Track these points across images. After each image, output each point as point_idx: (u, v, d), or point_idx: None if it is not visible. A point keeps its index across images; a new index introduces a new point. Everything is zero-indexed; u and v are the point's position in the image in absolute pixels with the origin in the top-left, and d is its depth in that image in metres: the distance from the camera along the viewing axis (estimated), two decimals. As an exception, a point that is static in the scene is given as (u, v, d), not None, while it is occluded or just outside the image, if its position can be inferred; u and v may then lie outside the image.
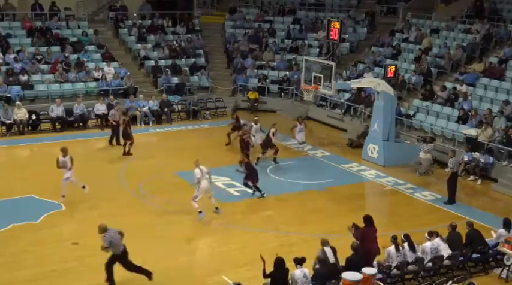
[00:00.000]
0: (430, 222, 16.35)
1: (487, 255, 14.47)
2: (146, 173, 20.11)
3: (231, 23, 34.76)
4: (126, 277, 13.21)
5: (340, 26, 21.30)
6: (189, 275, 13.77)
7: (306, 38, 33.11)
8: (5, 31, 29.48)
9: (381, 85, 22.24)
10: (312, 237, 13.86)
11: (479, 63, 26.56)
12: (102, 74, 28.15)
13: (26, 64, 27.65)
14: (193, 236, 15.87)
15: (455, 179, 18.71)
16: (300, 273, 12.04)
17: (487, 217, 17.44)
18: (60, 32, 30.75)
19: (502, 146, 21.04)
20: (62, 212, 17.04)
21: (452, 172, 18.54)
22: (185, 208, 17.11)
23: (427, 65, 27.54)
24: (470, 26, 29.76)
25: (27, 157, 22.92)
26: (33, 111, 25.26)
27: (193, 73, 30.44)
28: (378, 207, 19.39)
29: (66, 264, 13.99)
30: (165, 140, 24.89)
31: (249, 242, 15.55)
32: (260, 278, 12.06)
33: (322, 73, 21.23)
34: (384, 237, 13.89)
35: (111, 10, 33.61)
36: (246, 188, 18.56)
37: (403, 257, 13.40)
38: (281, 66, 31.22)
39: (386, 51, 30.44)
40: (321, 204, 18.27)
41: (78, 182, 17.60)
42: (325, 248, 12.72)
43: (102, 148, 23.22)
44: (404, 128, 24.55)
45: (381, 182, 20.56)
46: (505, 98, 23.56)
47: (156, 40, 32.07)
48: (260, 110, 29.53)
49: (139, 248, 14.96)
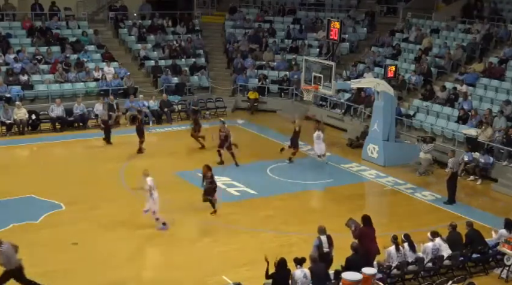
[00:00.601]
0: (430, 222, 16.36)
1: (487, 255, 14.47)
2: (146, 173, 20.09)
3: (231, 23, 34.76)
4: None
5: (340, 26, 21.30)
6: (189, 275, 13.77)
7: (306, 38, 33.11)
8: (5, 31, 29.48)
9: (381, 85, 22.24)
10: (312, 237, 13.82)
11: (479, 63, 26.56)
12: (102, 74, 28.15)
13: (26, 64, 27.66)
14: (193, 236, 15.86)
15: (455, 179, 18.72)
16: (300, 273, 12.04)
17: (487, 217, 17.45)
18: (60, 32, 30.75)
19: (502, 146, 21.04)
20: (62, 212, 17.03)
21: (452, 172, 18.54)
22: (185, 208, 17.12)
23: (427, 65, 27.54)
24: (470, 26, 29.77)
25: (27, 157, 22.92)
26: (33, 111, 25.26)
27: (193, 73, 30.44)
28: (378, 207, 19.39)
29: (66, 264, 13.99)
30: (165, 140, 24.89)
31: (249, 242, 15.55)
32: (260, 278, 12.06)
33: (322, 73, 21.23)
34: (384, 238, 13.89)
35: (111, 10, 33.60)
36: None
37: (403, 257, 13.40)
38: (281, 66, 31.21)
39: (386, 51, 30.44)
40: (321, 204, 18.28)
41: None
42: (321, 237, 12.96)
43: (102, 148, 23.22)
44: (404, 128, 24.54)
45: (381, 182, 20.56)
46: (505, 98, 23.57)
47: (156, 40, 32.07)
48: (260, 110, 29.55)
49: (139, 247, 14.99)
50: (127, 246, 15.04)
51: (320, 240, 12.97)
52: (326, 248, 12.96)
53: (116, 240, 15.33)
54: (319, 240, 12.97)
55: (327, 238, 13.05)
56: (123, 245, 15.09)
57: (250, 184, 19.47)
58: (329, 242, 13.03)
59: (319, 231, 13.14)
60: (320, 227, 13.18)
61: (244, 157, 22.25)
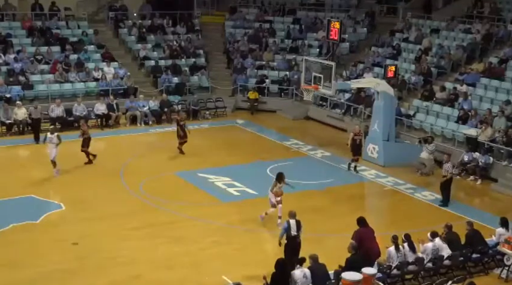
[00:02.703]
0: (430, 222, 16.34)
1: (487, 255, 14.47)
2: (146, 173, 20.10)
3: (231, 23, 34.74)
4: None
5: (340, 26, 21.30)
6: (189, 275, 13.77)
7: (306, 38, 33.10)
8: (5, 31, 29.47)
9: (381, 85, 22.24)
10: (312, 237, 13.87)
11: (479, 63, 26.56)
12: (102, 74, 28.14)
13: (26, 64, 27.66)
14: (193, 236, 15.85)
15: (449, 183, 18.58)
16: (300, 273, 12.05)
17: (487, 217, 17.43)
18: (60, 32, 30.74)
19: (502, 146, 21.04)
20: (62, 212, 17.04)
21: (450, 176, 18.43)
22: (185, 208, 17.12)
23: (427, 65, 27.54)
24: (470, 26, 29.77)
25: (27, 157, 22.92)
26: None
27: (193, 73, 30.42)
28: (378, 207, 19.41)
29: (66, 264, 13.99)
30: (165, 140, 24.88)
31: (249, 242, 15.55)
32: (260, 278, 12.06)
33: (322, 73, 21.22)
34: (384, 237, 13.90)
35: (111, 10, 33.58)
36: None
37: (403, 257, 13.40)
38: (281, 66, 31.22)
39: (386, 51, 30.44)
40: (321, 204, 18.26)
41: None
42: (290, 220, 13.63)
43: (102, 148, 23.22)
44: (404, 128, 24.54)
45: (380, 182, 20.55)
46: (505, 98, 23.56)
47: (156, 40, 32.06)
48: (260, 110, 29.55)
49: (139, 247, 15.00)
50: (127, 246, 15.04)
51: (289, 223, 13.61)
52: (294, 231, 13.55)
53: (116, 240, 15.33)
54: (287, 223, 13.63)
55: (296, 222, 13.62)
56: (123, 245, 15.09)
57: (250, 184, 19.46)
58: (297, 226, 13.62)
59: (289, 215, 13.74)
60: (291, 212, 13.81)
61: (244, 157, 22.27)
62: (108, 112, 25.81)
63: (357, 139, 21.21)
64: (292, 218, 13.69)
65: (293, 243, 13.59)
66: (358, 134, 21.31)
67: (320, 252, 12.77)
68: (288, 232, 13.58)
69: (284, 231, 13.68)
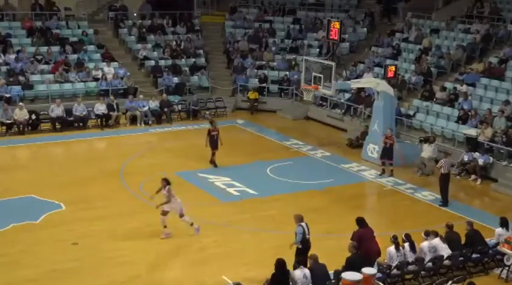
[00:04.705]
0: (430, 222, 16.32)
1: (487, 255, 14.47)
2: (146, 173, 20.08)
3: (231, 23, 34.75)
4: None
5: (340, 26, 21.29)
6: (189, 275, 13.77)
7: (306, 38, 33.10)
8: (5, 31, 29.47)
9: (380, 85, 22.23)
10: (312, 237, 13.84)
11: (479, 63, 26.56)
12: (102, 74, 28.14)
13: (26, 64, 27.65)
14: (193, 236, 15.84)
15: (447, 180, 18.56)
16: (300, 273, 12.06)
17: (487, 216, 17.42)
18: (60, 31, 30.75)
19: (502, 146, 21.04)
20: (62, 212, 17.03)
21: (443, 172, 18.40)
22: (185, 208, 17.10)
23: (427, 65, 27.54)
24: (470, 26, 29.77)
25: (27, 157, 22.92)
26: (33, 111, 25.24)
27: (193, 73, 30.43)
28: (378, 207, 19.41)
29: (66, 264, 13.98)
30: (165, 140, 24.89)
31: (249, 242, 15.56)
32: (260, 278, 12.06)
33: (322, 73, 21.23)
34: (384, 237, 13.89)
35: (111, 10, 33.58)
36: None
37: (403, 257, 13.41)
38: (281, 66, 31.22)
39: (386, 51, 30.44)
40: (321, 204, 18.25)
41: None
42: (302, 223, 13.31)
43: (102, 148, 23.24)
44: (404, 128, 24.54)
45: (380, 182, 20.56)
46: (505, 98, 23.56)
47: (156, 40, 32.07)
48: (260, 110, 29.55)
49: (139, 247, 14.99)
50: (127, 246, 15.04)
51: (302, 227, 13.28)
52: (307, 234, 13.30)
53: (116, 240, 15.33)
54: (302, 228, 13.27)
55: (306, 225, 13.37)
56: (123, 245, 15.09)
57: (250, 184, 19.47)
58: (308, 229, 13.37)
59: (298, 219, 13.41)
60: (298, 216, 13.49)
61: (244, 157, 22.27)
62: (108, 112, 25.80)
63: (387, 142, 20.76)
64: (302, 221, 13.45)
65: (307, 246, 13.31)
66: (390, 138, 20.80)
67: (320, 253, 12.78)
68: (304, 235, 13.29)
69: (301, 235, 13.27)
